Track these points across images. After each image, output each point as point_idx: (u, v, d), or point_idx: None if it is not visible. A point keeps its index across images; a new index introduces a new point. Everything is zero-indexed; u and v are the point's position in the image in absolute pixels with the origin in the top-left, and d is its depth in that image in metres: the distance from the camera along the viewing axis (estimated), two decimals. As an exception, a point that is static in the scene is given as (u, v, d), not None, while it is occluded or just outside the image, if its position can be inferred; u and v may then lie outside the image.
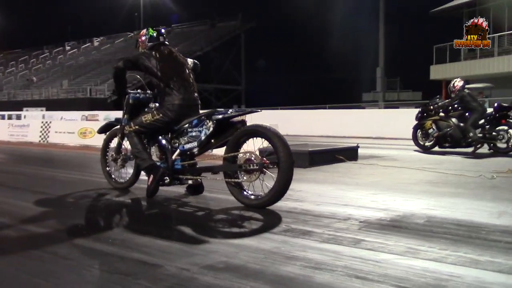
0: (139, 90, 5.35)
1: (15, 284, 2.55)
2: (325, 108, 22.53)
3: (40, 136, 13.43)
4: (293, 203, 4.52)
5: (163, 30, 5.23)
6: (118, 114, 19.10)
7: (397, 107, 27.34)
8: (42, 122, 13.92)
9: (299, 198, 4.76)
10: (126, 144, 5.33)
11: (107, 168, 5.72)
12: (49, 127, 13.38)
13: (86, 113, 26.83)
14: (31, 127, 14.00)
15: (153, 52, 4.92)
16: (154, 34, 5.13)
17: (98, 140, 11.77)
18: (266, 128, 4.32)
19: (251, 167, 4.29)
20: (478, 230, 3.44)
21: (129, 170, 5.45)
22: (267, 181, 4.27)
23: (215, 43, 48.98)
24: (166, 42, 5.19)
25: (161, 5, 57.18)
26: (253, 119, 16.08)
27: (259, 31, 50.87)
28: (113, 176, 5.66)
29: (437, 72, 26.49)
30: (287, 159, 4.15)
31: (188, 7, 57.17)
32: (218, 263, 2.76)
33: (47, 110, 35.49)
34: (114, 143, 5.69)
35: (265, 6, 51.63)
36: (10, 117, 29.28)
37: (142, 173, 5.08)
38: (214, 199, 4.82)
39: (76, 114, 26.97)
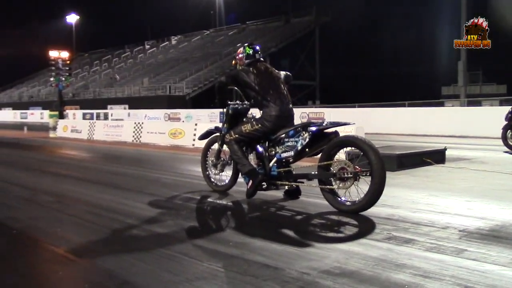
0: (237, 101, 5.79)
1: (158, 281, 2.98)
2: (404, 105, 22.23)
3: (133, 136, 14.37)
4: (389, 209, 4.75)
5: (257, 48, 5.69)
6: (198, 112, 20.12)
7: (480, 103, 26.42)
8: (135, 123, 14.87)
9: (394, 205, 4.97)
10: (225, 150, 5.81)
11: (207, 172, 6.21)
12: (141, 127, 14.28)
13: (168, 111, 28.06)
14: (124, 127, 15.01)
15: (251, 68, 5.38)
16: (251, 52, 5.60)
17: (187, 141, 12.52)
18: (359, 139, 4.67)
19: (346, 175, 4.60)
20: None
21: (228, 173, 5.91)
22: (361, 186, 4.57)
23: (290, 39, 49.28)
24: (262, 59, 5.62)
25: (235, 2, 58.23)
26: (332, 118, 16.42)
27: (334, 25, 50.50)
28: (212, 179, 6.15)
29: (524, 65, 25.30)
30: (380, 169, 4.44)
31: (263, 3, 57.83)
32: (334, 268, 3.08)
33: (129, 107, 37.36)
34: (213, 149, 6.17)
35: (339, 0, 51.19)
36: (98, 116, 31.19)
37: (240, 177, 5.55)
38: (312, 203, 5.13)
39: (159, 113, 28.27)
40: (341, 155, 4.89)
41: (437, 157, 8.38)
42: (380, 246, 3.55)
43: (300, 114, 21.28)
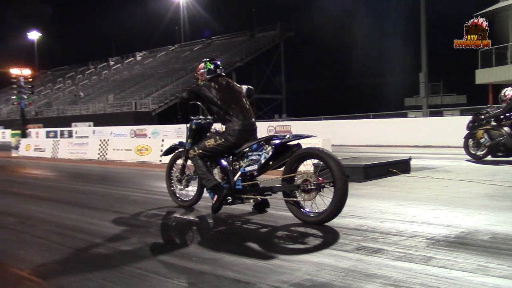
0: (201, 116, 5.78)
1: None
2: (369, 117, 22.61)
3: (99, 154, 14.14)
4: (358, 220, 4.80)
5: (218, 63, 5.72)
6: (164, 128, 20.02)
7: (441, 113, 27.13)
8: (101, 140, 14.63)
9: (363, 215, 5.03)
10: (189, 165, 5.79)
11: (172, 188, 6.17)
12: (107, 145, 14.06)
13: (135, 127, 27.73)
14: (90, 145, 14.76)
15: (212, 84, 5.40)
16: (212, 67, 5.61)
17: (154, 157, 12.39)
18: (322, 151, 4.74)
19: (309, 187, 4.65)
20: (543, 247, 3.63)
21: (193, 188, 5.90)
22: (326, 196, 4.61)
23: (255, 53, 49.65)
24: (223, 74, 5.64)
25: (200, 18, 58.44)
26: (298, 131, 16.51)
27: (298, 40, 51.22)
28: (177, 195, 6.12)
29: (482, 76, 26.10)
30: (342, 179, 4.50)
31: (228, 19, 58.24)
32: (305, 281, 3.07)
33: (94, 124, 36.84)
34: (177, 164, 6.13)
35: (303, 14, 51.98)
36: (62, 134, 30.59)
37: (205, 191, 5.54)
38: (282, 216, 5.11)
39: (125, 129, 27.91)
40: (307, 167, 4.91)
41: (403, 167, 8.53)
42: (350, 257, 3.57)
43: (267, 128, 21.37)
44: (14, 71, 26.49)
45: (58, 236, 4.67)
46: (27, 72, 27.03)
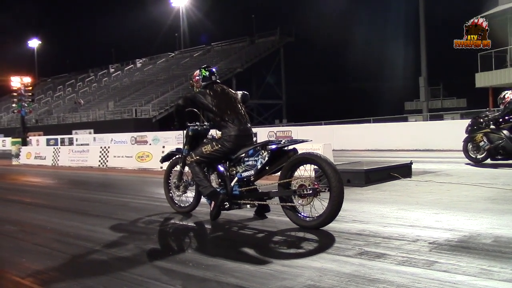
0: (197, 123, 5.80)
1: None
2: (369, 121, 22.61)
3: (100, 161, 14.15)
4: (360, 225, 4.78)
5: (214, 70, 5.76)
6: (165, 134, 19.96)
7: (442, 117, 27.13)
8: (101, 148, 14.65)
9: (364, 220, 5.02)
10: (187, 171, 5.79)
11: (170, 194, 6.19)
12: (108, 152, 14.07)
13: (135, 134, 27.73)
14: (90, 152, 14.77)
15: (208, 90, 5.44)
16: (207, 74, 5.64)
17: (155, 163, 12.39)
18: (317, 156, 4.75)
19: (305, 192, 4.66)
20: (546, 250, 3.62)
21: (190, 195, 5.91)
22: (323, 202, 4.62)
23: (255, 59, 49.75)
24: (218, 81, 5.68)
25: (200, 24, 58.55)
26: (299, 136, 16.48)
27: (298, 45, 51.31)
28: (175, 201, 6.14)
29: (482, 79, 26.11)
30: (337, 182, 4.50)
31: (227, 25, 58.36)
32: (307, 287, 3.06)
33: (95, 132, 36.86)
34: (175, 170, 6.13)
35: (303, 20, 52.10)
36: (62, 141, 30.60)
37: (203, 197, 5.54)
38: (283, 222, 5.05)
39: (125, 136, 27.92)
40: (308, 172, 4.91)
41: (404, 171, 8.52)
42: (352, 262, 3.55)
43: (267, 133, 21.37)
44: (15, 79, 26.54)
45: (59, 244, 4.66)
46: (27, 80, 27.08)
